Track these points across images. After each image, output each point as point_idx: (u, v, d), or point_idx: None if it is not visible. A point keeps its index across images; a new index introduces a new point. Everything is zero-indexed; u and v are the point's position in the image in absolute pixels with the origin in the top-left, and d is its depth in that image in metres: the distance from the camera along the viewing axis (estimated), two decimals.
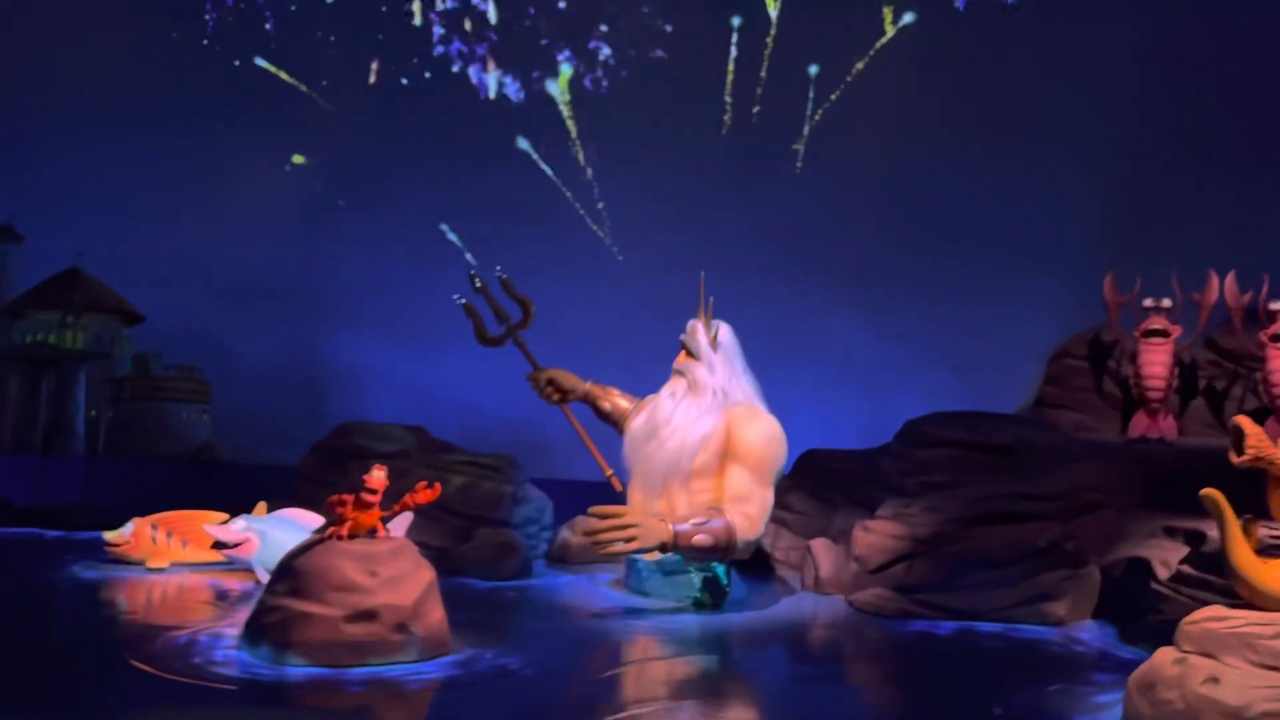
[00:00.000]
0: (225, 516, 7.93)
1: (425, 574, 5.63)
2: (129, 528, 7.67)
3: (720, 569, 7.25)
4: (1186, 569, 6.90)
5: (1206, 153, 10.34)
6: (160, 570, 7.58)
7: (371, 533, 5.70)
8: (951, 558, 7.38)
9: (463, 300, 8.53)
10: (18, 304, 11.22)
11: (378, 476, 5.65)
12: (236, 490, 9.82)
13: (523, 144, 11.61)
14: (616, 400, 8.68)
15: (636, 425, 7.69)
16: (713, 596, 7.15)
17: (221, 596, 6.98)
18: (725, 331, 7.67)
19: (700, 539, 6.62)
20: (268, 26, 11.18)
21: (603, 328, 10.22)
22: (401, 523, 7.99)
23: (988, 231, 10.78)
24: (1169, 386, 9.10)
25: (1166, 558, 7.43)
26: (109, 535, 7.69)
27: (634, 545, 6.45)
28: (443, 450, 9.09)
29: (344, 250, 11.04)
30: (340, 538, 5.59)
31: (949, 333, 10.83)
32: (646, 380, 9.26)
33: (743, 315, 11.41)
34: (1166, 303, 9.27)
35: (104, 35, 11.08)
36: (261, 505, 7.96)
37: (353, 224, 11.09)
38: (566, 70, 11.36)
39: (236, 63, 11.04)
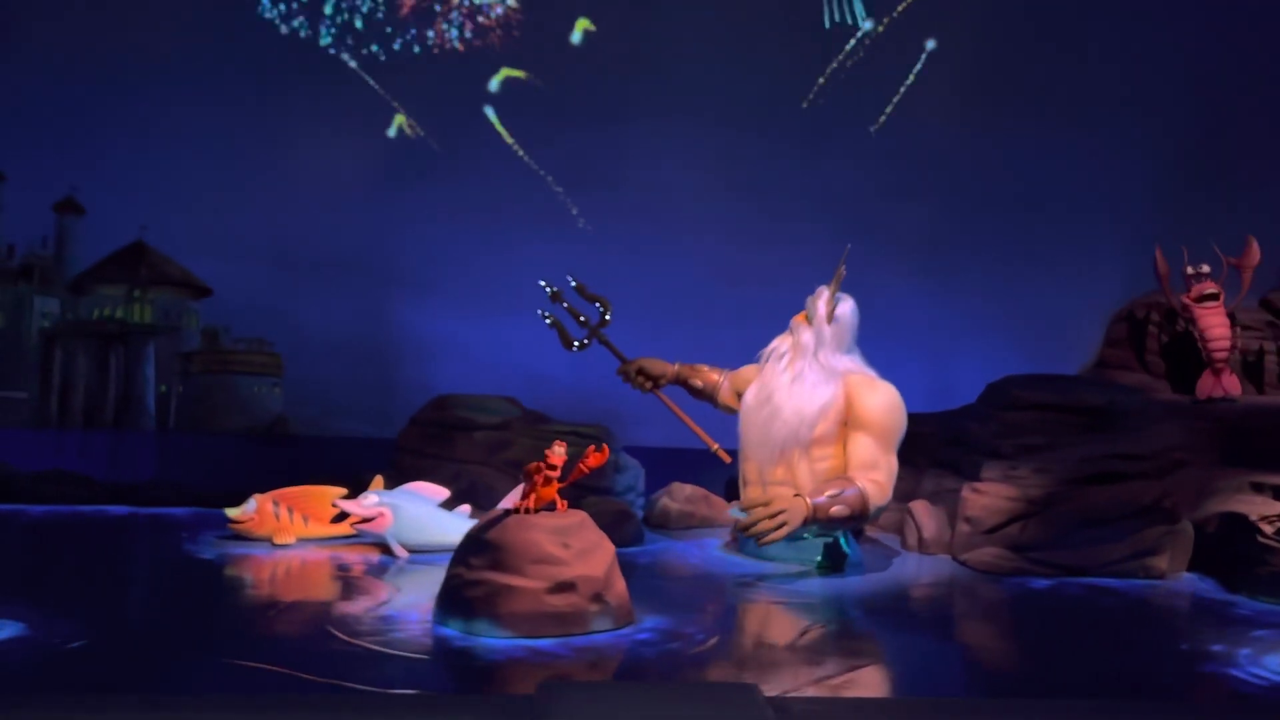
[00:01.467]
0: (344, 491, 7.97)
1: (608, 545, 5.79)
2: (252, 505, 7.68)
3: (840, 534, 7.49)
4: None
5: (1266, 115, 10.66)
6: (286, 546, 7.62)
7: (551, 505, 5.82)
8: (1063, 516, 7.69)
9: (547, 316, 8.67)
10: (83, 279, 11.01)
11: (559, 452, 5.74)
12: (312, 464, 9.85)
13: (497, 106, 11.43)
14: (707, 375, 8.85)
15: (750, 395, 7.85)
16: (835, 560, 7.38)
17: (364, 571, 7.05)
18: (846, 308, 7.80)
19: (837, 510, 6.84)
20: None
21: (668, 297, 10.28)
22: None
23: (1046, 198, 11.03)
24: (1233, 346, 9.46)
25: (1264, 513, 7.83)
26: (232, 512, 7.70)
27: (784, 531, 6.65)
28: (539, 421, 9.18)
29: (411, 220, 10.98)
30: (527, 511, 5.70)
31: (1009, 297, 11.08)
32: (712, 347, 9.41)
33: (807, 281, 11.63)
34: (1205, 269, 9.59)
35: (166, 3, 10.80)
36: (379, 479, 8.00)
37: (420, 193, 11.02)
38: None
39: (296, 24, 10.75)
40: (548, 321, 8.70)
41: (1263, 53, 10.52)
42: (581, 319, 8.59)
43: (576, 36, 11.42)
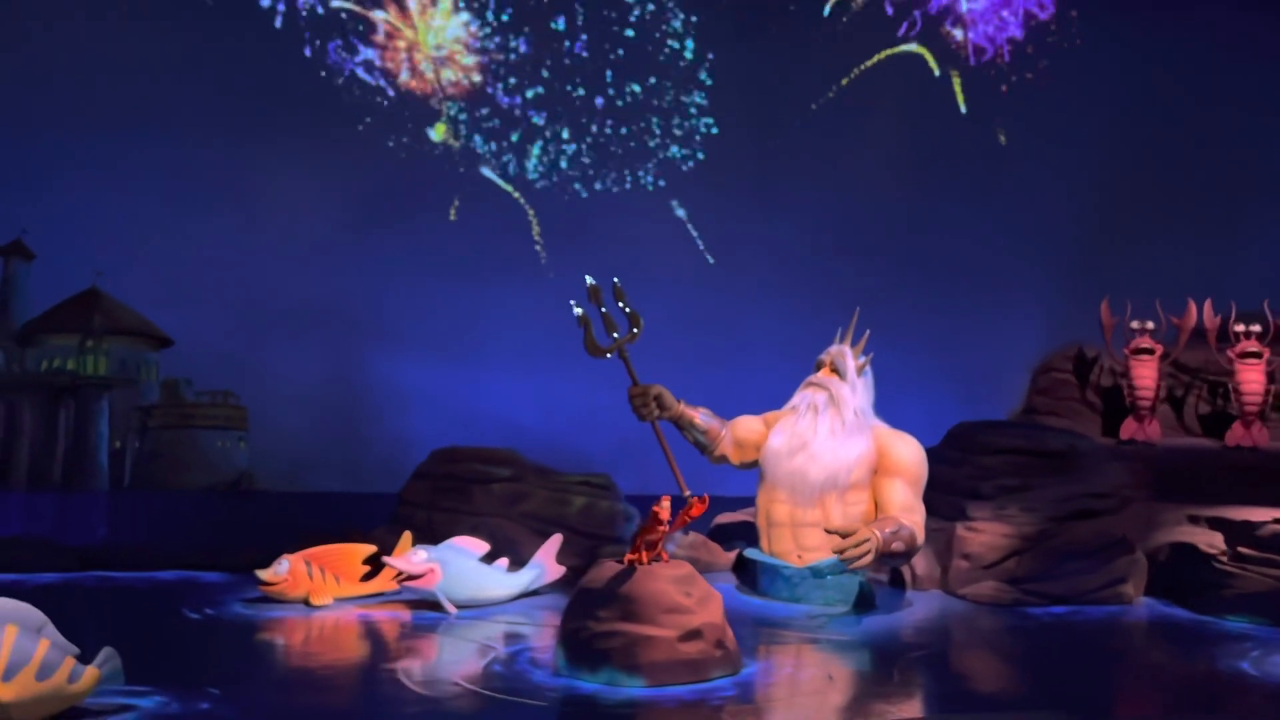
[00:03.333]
0: (374, 548, 7.84)
1: (717, 593, 6.03)
2: (284, 565, 7.41)
3: (861, 575, 7.98)
4: (1247, 550, 8.36)
5: (1166, 191, 12.28)
6: (324, 607, 7.40)
7: (657, 556, 6.01)
8: (1051, 550, 8.53)
9: (578, 308, 8.44)
10: (31, 328, 10.08)
11: (667, 507, 5.93)
12: (285, 520, 9.52)
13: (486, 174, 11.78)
14: (709, 421, 9.09)
15: (778, 441, 8.25)
16: (866, 600, 7.87)
17: (417, 627, 6.97)
18: (868, 365, 8.41)
19: (897, 545, 7.38)
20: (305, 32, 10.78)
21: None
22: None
23: (975, 260, 12.24)
24: (1157, 397, 10.70)
25: (1211, 541, 8.93)
26: (264, 574, 7.39)
27: (869, 558, 7.10)
28: (549, 472, 9.26)
29: (382, 268, 10.85)
30: (642, 563, 5.88)
31: (943, 349, 12.07)
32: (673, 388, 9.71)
33: (764, 329, 12.26)
34: (1150, 325, 10.85)
35: (124, 35, 10.24)
36: (407, 535, 7.90)
37: (390, 241, 10.93)
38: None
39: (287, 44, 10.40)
40: (577, 314, 8.29)
41: (1158, 132, 12.19)
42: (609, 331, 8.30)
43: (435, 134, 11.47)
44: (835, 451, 7.95)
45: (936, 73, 11.98)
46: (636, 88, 11.92)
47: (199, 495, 10.50)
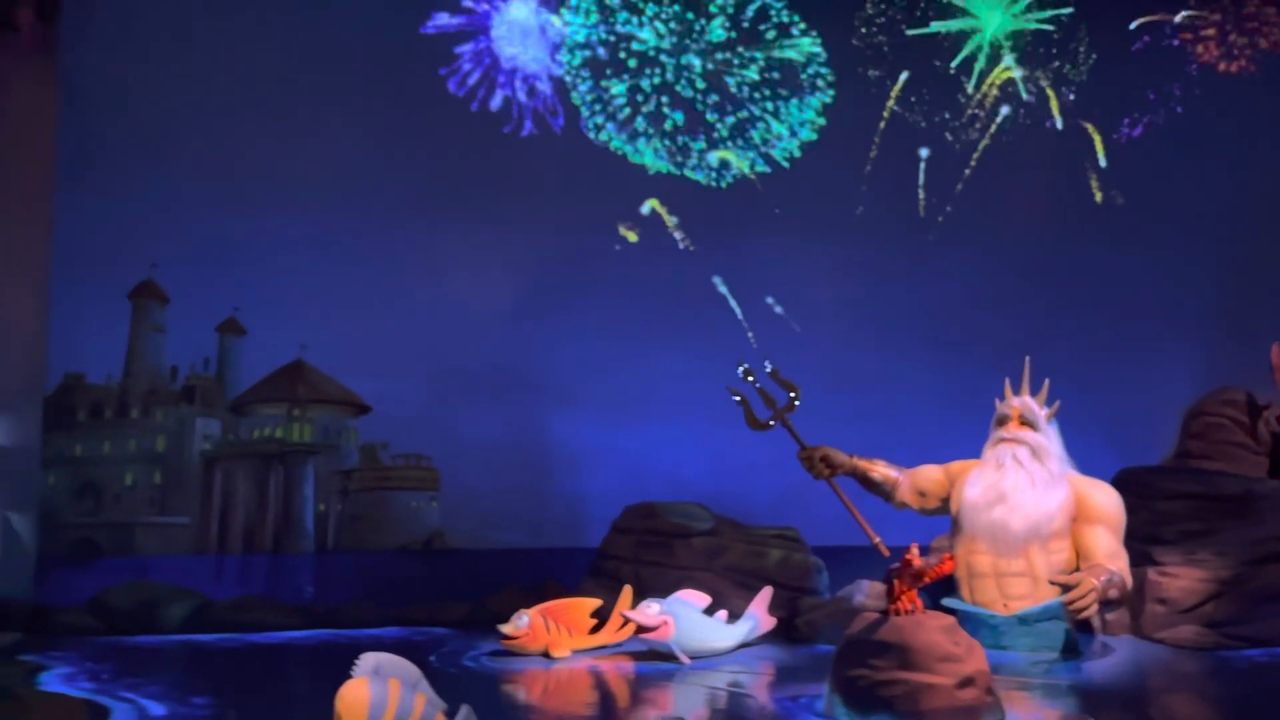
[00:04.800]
0: (599, 602, 8.28)
1: (977, 642, 6.34)
2: (525, 620, 7.88)
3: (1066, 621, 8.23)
4: None
5: None
6: (562, 659, 7.84)
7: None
8: (1247, 594, 8.70)
9: (736, 394, 9.14)
10: (243, 399, 10.85)
11: (917, 554, 6.25)
12: (484, 576, 10.03)
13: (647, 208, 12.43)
14: (885, 471, 9.45)
15: (975, 493, 8.55)
16: (1073, 647, 8.11)
17: (652, 676, 7.35)
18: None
19: (1113, 593, 7.65)
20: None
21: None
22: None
23: (1121, 308, 12.56)
24: None
25: None
26: (506, 628, 7.86)
27: (1095, 608, 7.38)
28: (739, 526, 9.64)
29: (559, 334, 11.47)
30: (905, 612, 6.22)
31: (1092, 396, 12.30)
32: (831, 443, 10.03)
33: (915, 382, 12.60)
34: None
35: (331, 130, 11.12)
36: (628, 589, 8.32)
37: (566, 309, 11.56)
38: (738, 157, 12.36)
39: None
40: (736, 399, 9.05)
41: None
42: (767, 402, 8.93)
43: (645, 208, 12.30)
44: (1036, 502, 8.23)
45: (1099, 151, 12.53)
46: (796, 152, 12.55)
47: (396, 554, 11.07)
